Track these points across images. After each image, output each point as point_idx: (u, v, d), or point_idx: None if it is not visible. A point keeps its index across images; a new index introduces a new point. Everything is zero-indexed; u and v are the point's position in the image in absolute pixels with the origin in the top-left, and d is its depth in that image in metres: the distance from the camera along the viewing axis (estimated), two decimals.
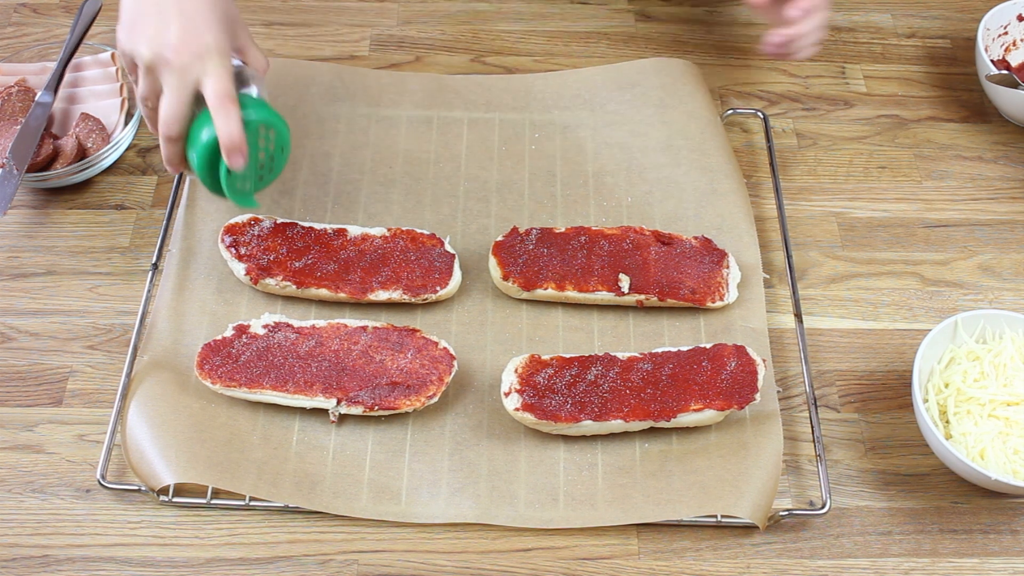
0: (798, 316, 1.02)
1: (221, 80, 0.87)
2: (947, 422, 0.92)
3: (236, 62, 0.93)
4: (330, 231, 1.02)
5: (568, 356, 0.94)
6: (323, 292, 0.99)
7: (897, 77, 1.26)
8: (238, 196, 0.92)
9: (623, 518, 0.89)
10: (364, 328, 0.95)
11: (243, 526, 0.89)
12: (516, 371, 0.92)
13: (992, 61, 1.18)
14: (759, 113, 1.19)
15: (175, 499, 0.89)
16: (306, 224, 1.02)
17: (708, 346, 0.95)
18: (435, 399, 0.92)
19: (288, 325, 0.95)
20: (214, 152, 0.89)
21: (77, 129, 1.10)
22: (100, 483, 0.89)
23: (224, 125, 0.87)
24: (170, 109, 0.88)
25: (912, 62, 1.28)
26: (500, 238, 1.02)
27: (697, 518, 0.89)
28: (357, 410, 0.91)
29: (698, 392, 0.92)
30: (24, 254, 1.06)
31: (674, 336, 1.00)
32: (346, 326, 0.95)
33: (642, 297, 1.00)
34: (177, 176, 1.09)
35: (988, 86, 1.17)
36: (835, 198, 1.14)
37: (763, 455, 0.91)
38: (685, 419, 0.91)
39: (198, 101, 0.89)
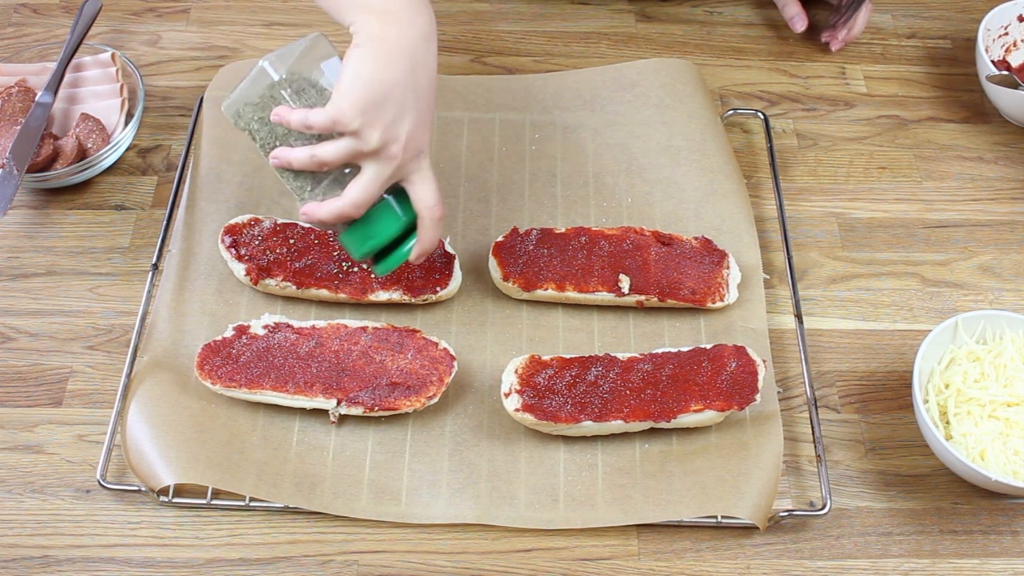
0: (798, 316, 1.02)
1: (431, 186, 0.88)
2: (947, 423, 0.92)
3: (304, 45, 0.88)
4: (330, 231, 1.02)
5: (568, 357, 0.94)
6: (323, 292, 0.99)
7: (897, 77, 1.26)
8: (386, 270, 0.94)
9: (623, 519, 0.89)
10: (364, 328, 0.95)
11: (243, 526, 0.89)
12: (516, 372, 0.92)
13: (992, 62, 1.18)
14: (759, 113, 1.19)
15: (175, 499, 0.89)
16: (306, 224, 1.02)
17: (708, 347, 0.95)
18: (435, 400, 0.92)
19: (288, 325, 0.95)
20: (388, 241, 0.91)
21: (77, 129, 1.10)
22: (100, 483, 0.89)
23: (433, 235, 0.90)
24: (365, 194, 0.86)
25: (912, 62, 1.28)
26: (500, 238, 1.02)
27: (697, 519, 0.89)
28: (357, 411, 0.91)
29: (698, 393, 0.92)
30: (24, 254, 1.06)
31: (674, 337, 1.00)
32: (346, 326, 0.95)
33: (642, 298, 1.00)
34: (177, 176, 1.08)
35: (988, 87, 1.17)
36: (835, 198, 1.14)
37: (763, 456, 0.91)
38: (685, 420, 0.91)
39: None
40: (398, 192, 0.90)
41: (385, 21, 0.83)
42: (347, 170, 0.88)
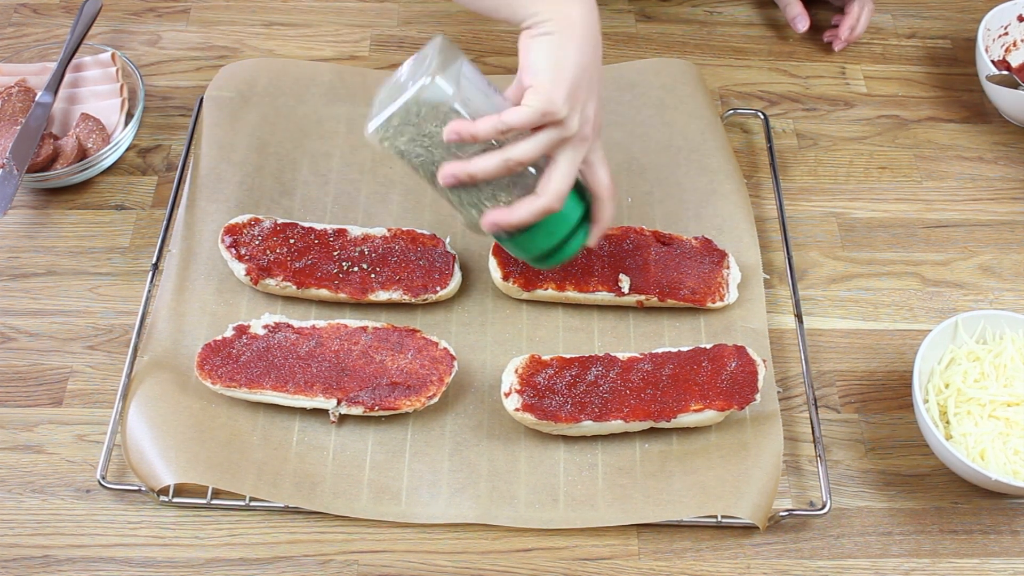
0: (798, 316, 1.02)
1: (607, 165, 0.87)
2: (947, 422, 0.92)
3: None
4: (330, 231, 1.02)
5: (568, 356, 0.94)
6: (323, 292, 0.99)
7: (897, 77, 1.26)
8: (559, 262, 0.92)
9: (623, 518, 0.89)
10: (364, 328, 0.95)
11: (243, 526, 0.89)
12: (516, 371, 0.92)
13: (992, 61, 1.18)
14: (759, 113, 1.19)
15: (175, 499, 0.89)
16: (306, 224, 1.02)
17: (708, 346, 0.95)
18: (435, 399, 0.92)
19: (288, 325, 0.95)
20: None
21: (77, 129, 1.10)
22: (100, 483, 0.89)
23: (611, 214, 0.89)
24: (566, 183, 0.83)
25: (912, 62, 1.28)
26: None
27: (697, 518, 0.89)
28: (357, 410, 0.91)
29: (698, 392, 0.92)
30: (24, 254, 1.06)
31: (674, 336, 1.00)
32: (346, 326, 0.95)
33: (642, 297, 1.00)
34: (177, 176, 1.08)
35: (988, 86, 1.17)
36: (835, 198, 1.14)
37: (763, 455, 0.91)
38: (685, 419, 0.91)
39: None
40: None
41: (569, 5, 0.82)
42: (529, 168, 0.85)
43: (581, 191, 0.90)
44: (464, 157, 0.82)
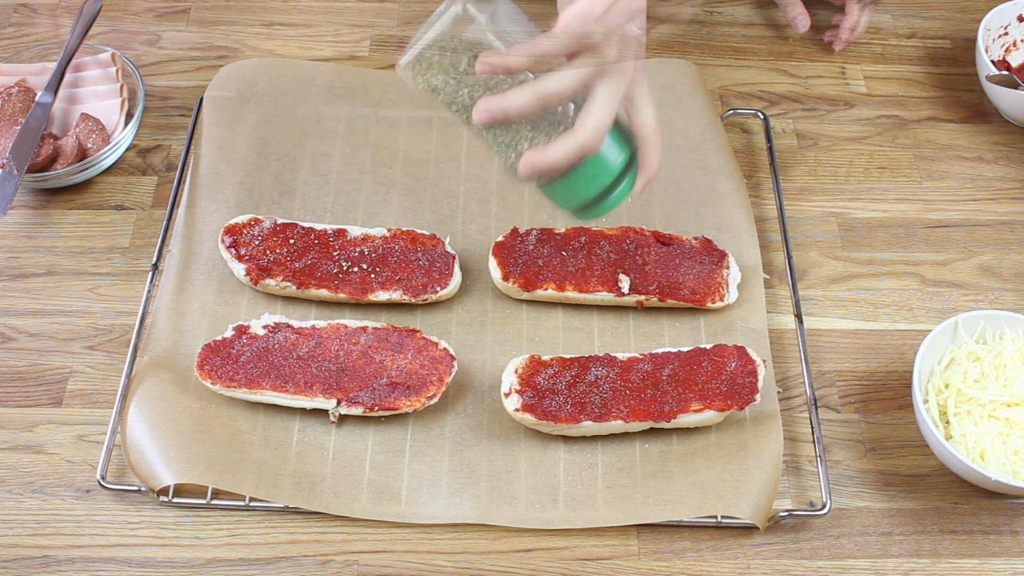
0: (798, 316, 1.02)
1: (654, 104, 0.80)
2: (947, 423, 0.92)
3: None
4: (330, 231, 1.02)
5: (568, 357, 0.94)
6: (323, 292, 0.99)
7: (897, 77, 1.26)
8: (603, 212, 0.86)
9: (623, 519, 0.89)
10: (364, 329, 0.95)
11: (243, 526, 0.89)
12: (516, 372, 0.92)
13: (992, 61, 1.18)
14: (759, 113, 1.19)
15: (175, 499, 0.89)
16: (306, 224, 1.02)
17: (708, 347, 0.95)
18: (435, 399, 0.92)
19: (288, 326, 0.95)
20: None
21: (77, 129, 1.10)
22: (100, 483, 0.89)
23: (658, 157, 0.81)
24: (606, 117, 0.77)
25: (912, 62, 1.28)
26: (500, 238, 1.02)
27: (697, 519, 0.89)
28: (357, 410, 0.91)
29: (698, 393, 0.92)
30: (24, 254, 1.06)
31: (674, 336, 1.00)
32: (346, 327, 0.95)
33: (642, 298, 1.00)
34: (177, 176, 1.08)
35: (988, 87, 1.17)
36: (835, 198, 1.14)
37: (763, 456, 0.91)
38: (685, 420, 0.91)
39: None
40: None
41: None
42: (560, 109, 0.79)
43: (627, 136, 0.83)
44: (499, 93, 0.78)
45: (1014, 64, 1.23)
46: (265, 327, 0.95)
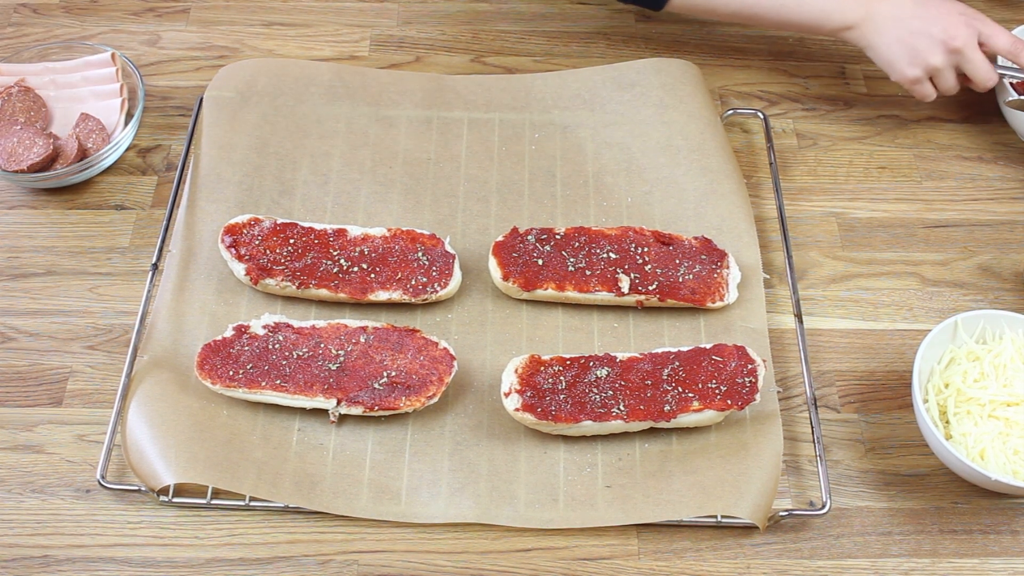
0: (798, 316, 1.02)
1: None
2: (947, 422, 0.92)
3: None
4: (330, 231, 1.02)
5: (568, 356, 0.94)
6: (323, 292, 0.99)
7: None
8: None
9: (623, 518, 0.89)
10: (364, 328, 0.95)
11: (243, 526, 0.89)
12: (516, 371, 0.92)
13: (1012, 85, 1.15)
14: (759, 113, 1.19)
15: (175, 499, 0.89)
16: (306, 224, 1.02)
17: (708, 346, 0.95)
18: (435, 399, 0.92)
19: (288, 325, 0.95)
20: None
21: (77, 129, 1.10)
22: (100, 483, 0.89)
23: None
24: (986, 64, 1.09)
25: None
26: (500, 238, 1.02)
27: (697, 518, 0.89)
28: (357, 410, 0.91)
29: (698, 392, 0.92)
30: (24, 254, 1.06)
31: (674, 336, 1.00)
32: (346, 326, 0.95)
33: (642, 297, 1.00)
34: (177, 176, 1.08)
35: (1008, 111, 1.16)
36: (835, 198, 1.14)
37: (763, 455, 0.91)
38: (685, 419, 0.91)
39: None
40: None
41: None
42: None
43: None
44: None
45: None
46: (265, 327, 0.95)
